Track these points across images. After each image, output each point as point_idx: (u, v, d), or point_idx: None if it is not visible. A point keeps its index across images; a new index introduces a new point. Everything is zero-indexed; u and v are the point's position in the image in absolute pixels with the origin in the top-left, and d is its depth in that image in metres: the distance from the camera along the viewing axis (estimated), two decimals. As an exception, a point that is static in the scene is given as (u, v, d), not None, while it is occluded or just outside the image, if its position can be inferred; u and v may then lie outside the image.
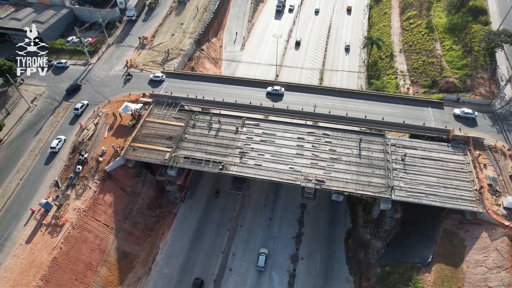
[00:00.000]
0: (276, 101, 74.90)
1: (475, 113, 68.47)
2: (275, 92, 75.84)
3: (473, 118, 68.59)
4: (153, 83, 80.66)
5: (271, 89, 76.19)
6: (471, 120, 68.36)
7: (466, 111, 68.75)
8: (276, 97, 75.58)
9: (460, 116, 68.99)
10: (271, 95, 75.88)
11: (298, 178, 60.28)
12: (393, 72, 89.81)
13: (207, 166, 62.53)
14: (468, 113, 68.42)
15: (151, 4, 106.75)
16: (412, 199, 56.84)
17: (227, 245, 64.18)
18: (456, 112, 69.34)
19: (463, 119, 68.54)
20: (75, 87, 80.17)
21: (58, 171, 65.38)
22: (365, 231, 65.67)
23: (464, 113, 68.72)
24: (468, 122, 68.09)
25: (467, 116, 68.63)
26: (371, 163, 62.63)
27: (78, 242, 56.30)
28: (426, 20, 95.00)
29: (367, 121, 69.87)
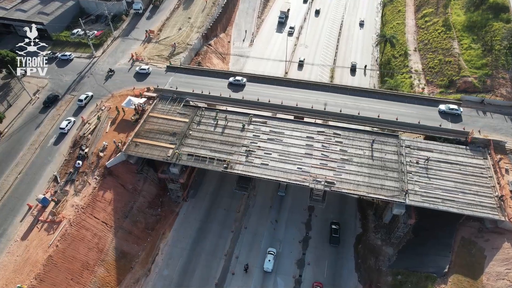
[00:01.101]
0: (237, 91, 73.64)
1: (460, 109, 66.99)
2: (237, 82, 74.48)
3: (458, 114, 66.94)
4: (139, 76, 78.63)
5: (233, 79, 74.96)
6: (457, 116, 66.89)
7: (452, 107, 67.36)
8: (238, 87, 74.18)
9: (446, 112, 67.36)
10: (232, 85, 74.73)
11: (306, 179, 57.23)
12: (407, 71, 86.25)
13: (211, 164, 59.82)
14: (454, 109, 66.97)
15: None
16: (428, 205, 53.44)
17: (230, 247, 61.31)
18: (442, 108, 67.71)
19: (448, 115, 67.09)
20: (53, 98, 74.36)
21: (58, 165, 63.31)
22: (375, 236, 62.28)
23: (450, 109, 67.24)
24: (453, 118, 66.70)
25: (453, 112, 67.06)
26: (384, 165, 59.33)
27: (75, 240, 53.96)
28: (443, 18, 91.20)
29: (380, 121, 66.56)
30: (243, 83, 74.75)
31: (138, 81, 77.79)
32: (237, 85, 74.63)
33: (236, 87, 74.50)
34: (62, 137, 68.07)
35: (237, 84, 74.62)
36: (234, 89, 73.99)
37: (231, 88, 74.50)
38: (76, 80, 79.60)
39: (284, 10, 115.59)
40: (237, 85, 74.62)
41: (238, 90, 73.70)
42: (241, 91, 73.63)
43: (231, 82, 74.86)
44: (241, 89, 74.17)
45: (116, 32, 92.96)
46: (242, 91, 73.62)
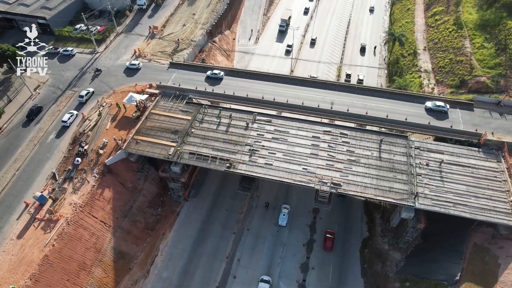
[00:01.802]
0: (214, 84, 72.17)
1: (447, 106, 65.28)
2: (214, 76, 73.59)
3: (445, 112, 65.23)
4: (129, 71, 77.30)
5: (210, 73, 73.95)
6: (443, 114, 65.11)
7: (438, 103, 65.58)
8: (215, 81, 72.96)
9: (432, 109, 65.59)
10: (210, 79, 73.75)
11: (312, 180, 55.18)
12: (416, 70, 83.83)
13: (214, 163, 57.97)
14: (440, 106, 65.28)
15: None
16: (438, 209, 51.16)
17: (232, 249, 59.43)
18: (428, 105, 66.02)
19: (435, 112, 65.30)
20: (37, 111, 69.80)
21: (57, 162, 61.78)
22: (383, 241, 60.06)
23: (436, 106, 65.48)
24: (439, 115, 64.85)
25: (439, 109, 65.38)
26: (393, 167, 57.13)
27: (72, 239, 52.35)
28: (454, 16, 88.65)
29: (388, 121, 64.27)
30: (221, 77, 73.75)
31: (128, 76, 76.50)
32: (214, 78, 73.62)
33: (214, 80, 73.45)
34: (64, 131, 66.77)
35: (215, 77, 73.59)
36: (211, 83, 72.80)
37: (208, 81, 73.26)
38: (78, 76, 78.13)
39: (285, 18, 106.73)
40: (215, 79, 73.58)
41: (215, 84, 72.49)
42: (218, 84, 72.48)
43: (209, 75, 73.86)
44: (218, 82, 73.05)
45: (119, 28, 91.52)
46: (219, 84, 72.50)
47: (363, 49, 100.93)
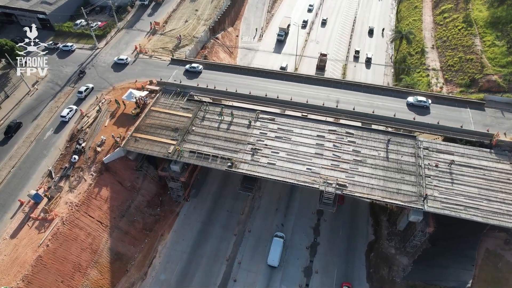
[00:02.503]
0: (192, 78, 72.11)
1: (428, 101, 64.15)
2: (192, 69, 72.90)
3: (427, 107, 64.12)
4: (116, 67, 76.07)
5: (189, 67, 73.33)
6: (425, 109, 64.02)
7: (420, 99, 64.43)
8: (193, 74, 72.66)
9: (414, 105, 64.42)
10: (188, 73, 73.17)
11: (316, 181, 53.07)
12: (424, 68, 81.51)
13: (215, 162, 56.00)
14: (422, 101, 64.19)
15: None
16: (449, 212, 48.89)
17: (232, 251, 57.41)
18: (410, 101, 64.91)
19: (416, 108, 64.11)
20: (15, 127, 64.62)
21: (53, 160, 60.09)
22: (389, 244, 57.81)
23: (418, 101, 64.34)
24: (421, 110, 63.77)
25: (421, 104, 64.20)
26: (401, 168, 54.92)
27: (67, 239, 50.57)
28: (463, 13, 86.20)
29: (396, 120, 62.05)
30: (199, 70, 73.04)
31: (116, 71, 75.43)
32: (192, 72, 72.82)
33: (192, 74, 72.70)
34: (63, 126, 65.31)
35: (193, 71, 72.81)
36: (189, 76, 72.16)
37: (186, 75, 72.62)
38: (77, 72, 76.36)
39: (283, 26, 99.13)
40: (193, 72, 72.81)
41: (193, 77, 71.76)
42: (196, 78, 71.74)
43: (187, 69, 73.19)
44: (197, 76, 72.34)
45: (120, 24, 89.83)
46: (197, 78, 71.84)
47: (371, 31, 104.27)
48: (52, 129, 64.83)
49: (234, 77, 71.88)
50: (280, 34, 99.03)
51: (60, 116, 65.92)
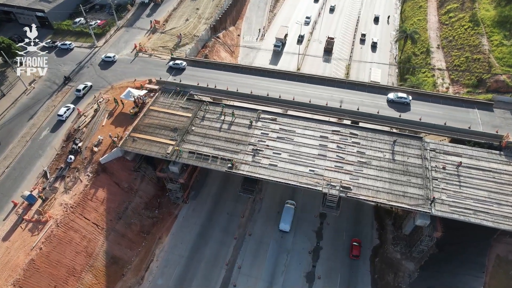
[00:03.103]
0: (176, 75, 71.68)
1: (409, 98, 63.38)
2: (176, 66, 72.30)
3: (407, 103, 63.32)
4: (104, 65, 75.09)
5: (172, 63, 72.91)
6: (405, 105, 63.23)
7: (400, 95, 63.76)
8: (177, 71, 72.14)
9: (394, 101, 63.62)
10: (172, 69, 72.79)
11: (319, 183, 51.26)
12: (430, 68, 79.71)
13: (214, 163, 54.26)
14: (402, 98, 63.46)
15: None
16: (457, 216, 47.00)
17: (232, 256, 55.54)
18: (390, 97, 64.09)
19: (397, 104, 63.32)
20: None
21: (49, 160, 58.49)
22: (394, 249, 55.88)
23: (398, 97, 63.59)
24: (401, 107, 62.90)
25: (401, 100, 63.42)
26: (407, 170, 53.09)
27: (61, 242, 48.85)
28: (469, 13, 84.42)
29: (401, 121, 60.31)
30: (183, 67, 72.30)
31: (102, 69, 74.48)
32: (176, 68, 72.18)
33: (176, 70, 72.07)
34: (60, 125, 63.96)
35: (177, 67, 72.16)
36: (173, 73, 71.50)
37: (170, 72, 72.07)
38: (75, 70, 74.94)
39: (280, 36, 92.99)
40: (177, 69, 72.18)
41: (177, 74, 71.12)
42: (179, 74, 70.88)
43: (171, 65, 72.73)
44: (180, 72, 71.54)
45: (120, 22, 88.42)
46: (181, 75, 70.98)
47: (377, 19, 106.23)
48: (48, 129, 63.31)
49: (235, 76, 70.30)
50: (276, 45, 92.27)
51: (57, 115, 64.45)
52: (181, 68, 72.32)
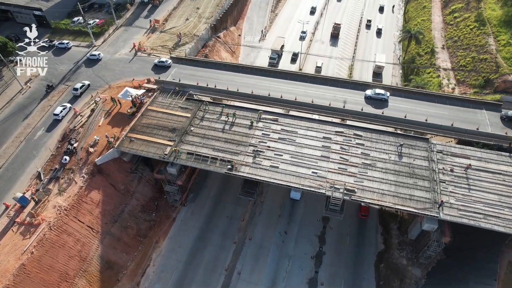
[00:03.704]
0: (161, 72, 70.61)
1: (387, 94, 62.19)
2: (161, 64, 71.71)
3: (385, 100, 62.27)
4: (90, 63, 74.14)
5: (157, 61, 72.15)
6: (383, 102, 62.27)
7: (378, 91, 62.66)
8: (162, 69, 71.41)
9: (372, 98, 62.70)
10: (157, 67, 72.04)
11: (322, 186, 49.34)
12: (435, 69, 77.91)
13: (214, 164, 52.43)
14: (380, 94, 62.36)
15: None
16: (467, 220, 45.00)
17: (232, 261, 53.52)
18: (368, 94, 63.16)
19: (374, 101, 62.38)
20: None
21: (43, 161, 56.71)
22: (400, 254, 53.87)
23: (376, 93, 62.53)
24: (379, 103, 61.93)
25: (379, 97, 62.40)
26: (413, 173, 51.16)
27: (54, 246, 46.95)
28: (475, 13, 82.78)
29: (407, 122, 58.44)
30: (168, 65, 71.48)
31: (87, 67, 73.65)
32: (161, 66, 71.34)
33: (160, 68, 71.19)
34: (55, 125, 62.22)
35: (162, 65, 71.30)
36: (157, 71, 70.66)
37: (155, 70, 71.15)
38: (72, 70, 73.37)
39: (276, 48, 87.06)
40: (162, 67, 71.31)
41: (161, 72, 70.21)
42: (164, 72, 70.10)
43: (156, 63, 71.83)
44: (165, 70, 70.64)
45: (119, 21, 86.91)
46: (165, 72, 70.14)
47: (382, 8, 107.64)
48: (43, 129, 61.60)
49: (236, 76, 68.66)
50: (272, 57, 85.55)
51: (53, 114, 62.78)
52: (166, 66, 71.38)
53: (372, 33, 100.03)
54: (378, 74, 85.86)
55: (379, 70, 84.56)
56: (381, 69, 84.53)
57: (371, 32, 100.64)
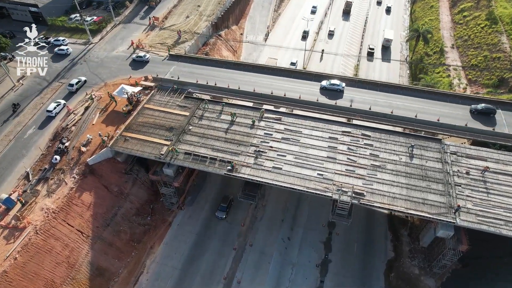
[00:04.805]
0: (138, 68, 68.54)
1: (342, 85, 61.13)
2: (139, 59, 69.70)
3: (340, 90, 61.19)
4: (57, 57, 72.52)
5: (135, 56, 70.21)
6: (339, 92, 61.13)
7: (333, 82, 61.62)
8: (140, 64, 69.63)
9: (327, 88, 61.35)
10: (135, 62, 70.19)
11: (329, 189, 45.97)
12: (444, 69, 74.84)
13: (213, 165, 49.20)
14: (335, 85, 61.27)
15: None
16: (486, 227, 41.51)
17: (231, 268, 49.97)
18: (323, 84, 61.88)
19: (329, 92, 61.13)
20: None
21: (32, 160, 53.62)
22: (412, 263, 50.24)
23: (331, 84, 61.36)
24: (334, 94, 60.78)
25: (334, 88, 61.30)
26: (426, 175, 47.80)
27: (40, 252, 43.64)
28: (486, 11, 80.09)
29: (418, 122, 55.20)
30: (147, 60, 69.78)
31: (54, 62, 71.58)
32: (140, 61, 69.66)
33: (139, 64, 69.48)
34: (48, 122, 59.31)
35: (140, 60, 69.64)
36: (135, 67, 68.87)
37: (132, 65, 69.44)
38: (67, 67, 70.60)
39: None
40: (140, 62, 69.63)
41: (138, 68, 68.41)
42: (141, 68, 68.36)
43: (134, 58, 70.31)
44: (143, 65, 69.01)
45: (117, 19, 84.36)
46: (143, 68, 68.42)
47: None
48: (34, 127, 58.63)
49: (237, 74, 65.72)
50: None
51: (46, 110, 59.90)
52: (144, 61, 69.60)
53: (382, 10, 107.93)
54: (386, 48, 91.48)
55: (387, 43, 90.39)
56: (389, 42, 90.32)
57: (381, 8, 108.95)
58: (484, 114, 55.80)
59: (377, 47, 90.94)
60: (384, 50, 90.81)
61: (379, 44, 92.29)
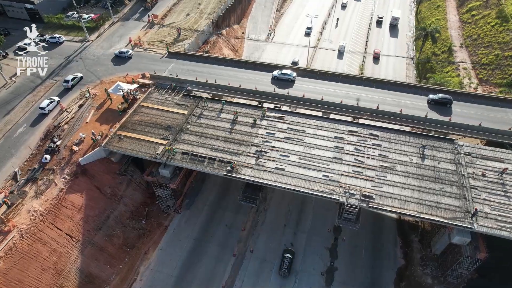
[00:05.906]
0: (120, 64, 67.08)
1: (293, 74, 60.89)
2: (121, 55, 68.40)
3: (291, 80, 60.64)
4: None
5: (118, 52, 68.94)
6: (290, 82, 60.50)
7: (284, 71, 61.25)
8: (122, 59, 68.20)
9: (278, 78, 60.93)
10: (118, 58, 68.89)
11: (335, 191, 42.91)
12: (453, 69, 72.08)
13: (211, 166, 46.29)
14: (286, 74, 60.87)
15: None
16: (508, 233, 38.33)
17: (230, 276, 46.76)
18: (275, 74, 61.40)
19: (280, 81, 60.49)
20: None
21: (22, 160, 50.85)
22: (424, 272, 46.93)
23: (281, 74, 60.91)
24: (285, 84, 60.06)
25: (284, 77, 60.67)
26: (439, 177, 44.73)
27: (24, 257, 40.69)
28: (495, 9, 77.62)
29: (428, 121, 52.30)
30: (129, 55, 68.49)
31: (16, 55, 67.54)
32: (122, 57, 68.28)
33: (121, 59, 68.07)
34: (40, 120, 56.86)
35: (122, 56, 68.27)
36: (117, 63, 67.37)
37: (115, 61, 68.06)
38: (63, 64, 68.19)
39: None
40: (122, 58, 68.24)
41: (120, 63, 67.14)
42: (123, 64, 67.04)
43: (116, 54, 68.85)
44: (125, 61, 67.70)
45: (115, 16, 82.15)
46: (125, 64, 67.10)
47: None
48: (25, 126, 55.98)
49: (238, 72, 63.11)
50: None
51: (39, 107, 57.43)
52: (126, 57, 68.20)
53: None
54: (394, 26, 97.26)
55: (395, 21, 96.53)
56: (397, 21, 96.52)
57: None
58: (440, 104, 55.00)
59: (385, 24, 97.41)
60: (392, 28, 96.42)
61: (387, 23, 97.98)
